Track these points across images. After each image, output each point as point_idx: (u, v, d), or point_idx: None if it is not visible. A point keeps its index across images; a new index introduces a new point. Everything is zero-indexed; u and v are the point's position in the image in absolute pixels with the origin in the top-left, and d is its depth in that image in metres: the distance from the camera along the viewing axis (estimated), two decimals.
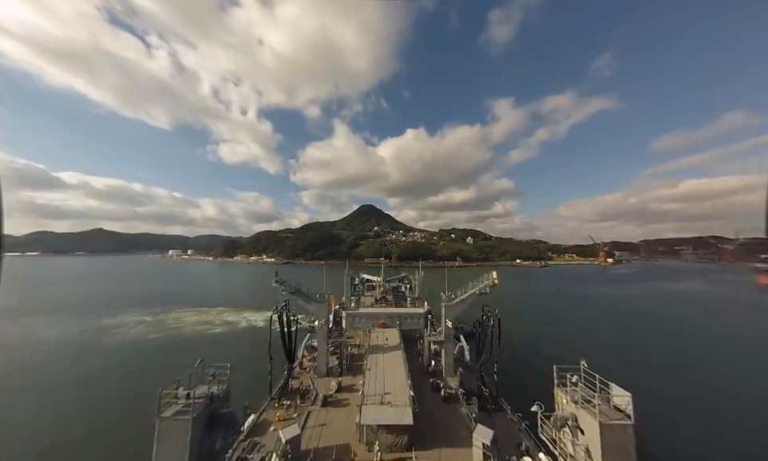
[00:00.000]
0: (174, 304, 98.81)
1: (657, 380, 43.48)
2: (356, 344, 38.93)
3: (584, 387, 17.13)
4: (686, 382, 43.56)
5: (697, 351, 58.25)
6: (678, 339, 65.86)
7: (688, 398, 38.70)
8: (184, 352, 52.69)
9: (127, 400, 35.68)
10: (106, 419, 32.51)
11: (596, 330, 72.64)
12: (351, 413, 22.38)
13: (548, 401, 18.56)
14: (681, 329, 73.76)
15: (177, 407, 16.34)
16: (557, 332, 68.64)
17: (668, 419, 32.33)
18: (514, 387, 31.63)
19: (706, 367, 49.57)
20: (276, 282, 29.81)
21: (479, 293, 29.34)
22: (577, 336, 66.43)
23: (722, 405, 36.90)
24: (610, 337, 66.48)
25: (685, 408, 36.14)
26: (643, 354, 55.09)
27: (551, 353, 49.69)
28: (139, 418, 27.57)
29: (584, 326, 76.44)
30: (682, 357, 54.02)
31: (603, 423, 14.55)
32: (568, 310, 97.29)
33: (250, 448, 19.13)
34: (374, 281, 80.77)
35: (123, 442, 27.78)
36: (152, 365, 47.42)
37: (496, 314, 28.74)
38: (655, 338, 66.26)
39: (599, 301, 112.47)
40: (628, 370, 45.04)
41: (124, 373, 45.13)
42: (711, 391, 40.54)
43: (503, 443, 18.98)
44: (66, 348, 57.56)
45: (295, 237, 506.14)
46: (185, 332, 68.35)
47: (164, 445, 15.47)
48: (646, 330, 72.30)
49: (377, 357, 28.34)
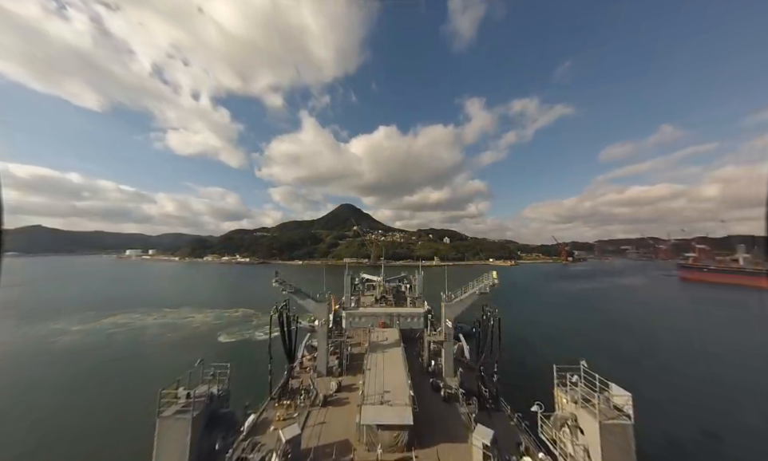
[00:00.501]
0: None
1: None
2: (356, 343, 38.94)
3: (584, 387, 17.13)
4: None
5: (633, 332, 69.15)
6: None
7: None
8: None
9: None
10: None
11: (562, 316, 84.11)
12: (351, 413, 22.39)
13: (548, 401, 18.57)
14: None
15: (177, 406, 16.36)
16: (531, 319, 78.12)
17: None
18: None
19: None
20: (276, 282, 29.88)
21: (479, 292, 29.38)
22: (548, 321, 76.30)
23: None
24: (576, 322, 76.75)
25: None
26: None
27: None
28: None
29: (557, 313, 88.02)
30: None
31: (603, 423, 14.55)
32: (548, 304, 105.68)
33: (250, 448, 19.15)
34: (374, 281, 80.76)
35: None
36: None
37: (496, 314, 28.76)
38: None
39: (567, 295, 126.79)
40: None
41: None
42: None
43: (503, 443, 18.98)
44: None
45: (272, 236, 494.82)
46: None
47: (164, 445, 15.49)
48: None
49: (377, 357, 28.34)
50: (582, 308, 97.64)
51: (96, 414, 33.74)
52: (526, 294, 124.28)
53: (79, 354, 53.78)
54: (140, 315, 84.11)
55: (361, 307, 45.89)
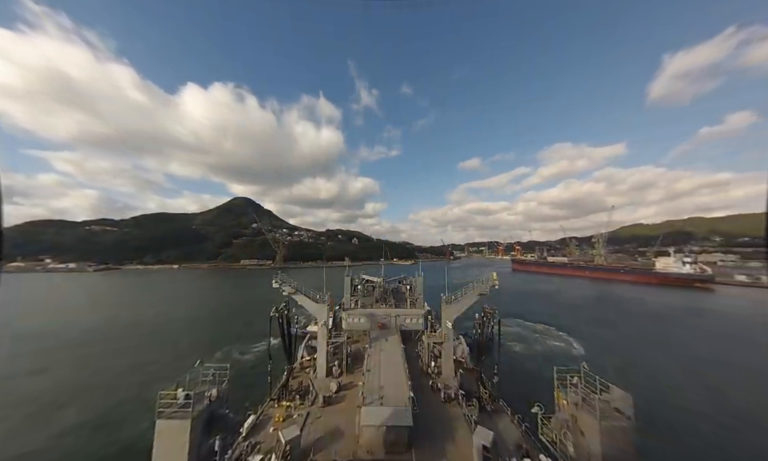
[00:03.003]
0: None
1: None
2: (356, 344, 38.94)
3: (584, 388, 17.11)
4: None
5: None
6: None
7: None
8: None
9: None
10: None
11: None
12: (351, 414, 22.34)
13: (549, 402, 18.55)
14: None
15: (177, 407, 16.34)
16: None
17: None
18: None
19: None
20: (277, 282, 29.93)
21: (479, 294, 29.42)
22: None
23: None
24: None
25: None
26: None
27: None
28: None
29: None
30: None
31: (604, 424, 14.54)
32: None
33: (249, 449, 19.09)
34: (374, 281, 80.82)
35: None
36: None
37: (496, 315, 28.74)
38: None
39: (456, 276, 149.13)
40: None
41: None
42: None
43: (503, 445, 18.95)
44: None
45: (125, 231, 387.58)
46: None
47: (164, 445, 15.46)
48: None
49: (376, 358, 28.31)
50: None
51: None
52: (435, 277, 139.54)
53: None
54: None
55: (360, 308, 45.90)
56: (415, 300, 57.16)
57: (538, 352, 51.87)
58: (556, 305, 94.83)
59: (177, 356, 47.68)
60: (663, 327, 68.00)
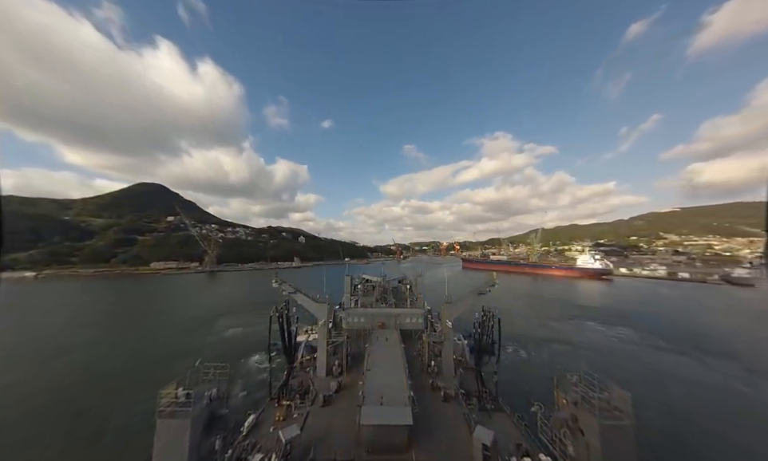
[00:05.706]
0: None
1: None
2: (356, 343, 38.92)
3: (584, 387, 17.13)
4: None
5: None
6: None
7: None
8: None
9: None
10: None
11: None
12: (351, 413, 22.34)
13: (548, 401, 18.56)
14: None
15: (177, 407, 16.34)
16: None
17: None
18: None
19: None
20: (276, 282, 29.90)
21: (478, 293, 29.42)
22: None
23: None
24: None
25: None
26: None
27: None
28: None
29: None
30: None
31: (603, 423, 14.56)
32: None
33: (249, 448, 19.11)
34: (374, 281, 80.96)
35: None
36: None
37: (496, 314, 28.77)
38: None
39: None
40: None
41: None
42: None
43: (503, 444, 18.96)
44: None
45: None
46: None
47: (164, 445, 15.47)
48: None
49: (376, 357, 28.31)
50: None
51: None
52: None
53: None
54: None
55: (360, 307, 45.84)
56: (415, 299, 57.23)
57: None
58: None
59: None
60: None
